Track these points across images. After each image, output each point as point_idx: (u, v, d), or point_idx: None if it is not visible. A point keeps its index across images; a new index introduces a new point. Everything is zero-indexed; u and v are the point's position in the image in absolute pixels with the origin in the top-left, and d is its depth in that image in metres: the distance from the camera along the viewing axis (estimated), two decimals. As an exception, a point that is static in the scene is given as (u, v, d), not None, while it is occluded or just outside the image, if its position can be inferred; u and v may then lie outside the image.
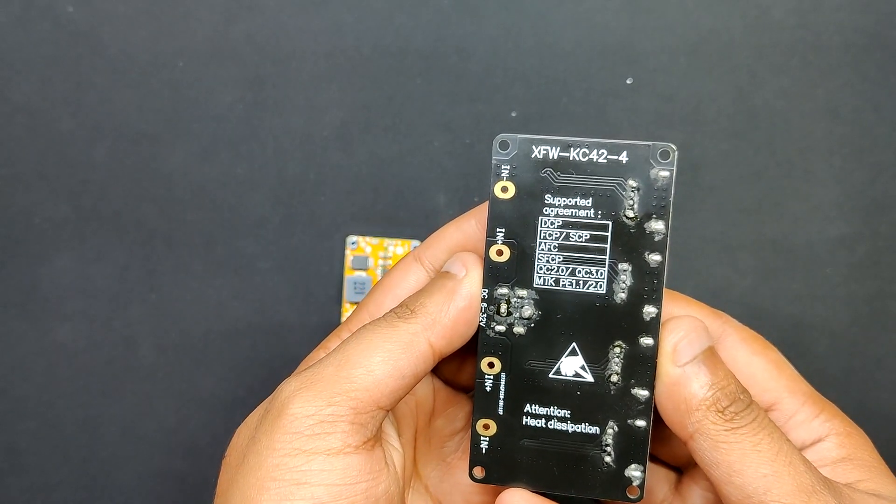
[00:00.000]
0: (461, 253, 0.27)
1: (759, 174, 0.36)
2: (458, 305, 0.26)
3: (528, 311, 0.26)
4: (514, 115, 0.36)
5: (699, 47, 0.36)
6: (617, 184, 0.26)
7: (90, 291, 0.37)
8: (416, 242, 0.37)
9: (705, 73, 0.36)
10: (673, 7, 0.36)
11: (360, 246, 0.37)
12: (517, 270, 0.26)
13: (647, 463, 0.26)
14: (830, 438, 0.26)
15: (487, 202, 0.28)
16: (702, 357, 0.25)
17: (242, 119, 0.36)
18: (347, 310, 0.37)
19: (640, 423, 0.26)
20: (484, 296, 0.26)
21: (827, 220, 0.36)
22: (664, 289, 0.26)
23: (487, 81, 0.36)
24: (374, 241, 0.37)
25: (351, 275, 0.37)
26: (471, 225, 0.29)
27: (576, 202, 0.26)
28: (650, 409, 0.25)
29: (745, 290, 0.36)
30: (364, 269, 0.37)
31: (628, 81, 0.36)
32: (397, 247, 0.37)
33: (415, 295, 0.27)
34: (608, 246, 0.26)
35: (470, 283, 0.26)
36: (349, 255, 0.37)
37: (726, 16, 0.36)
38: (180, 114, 0.36)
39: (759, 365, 0.27)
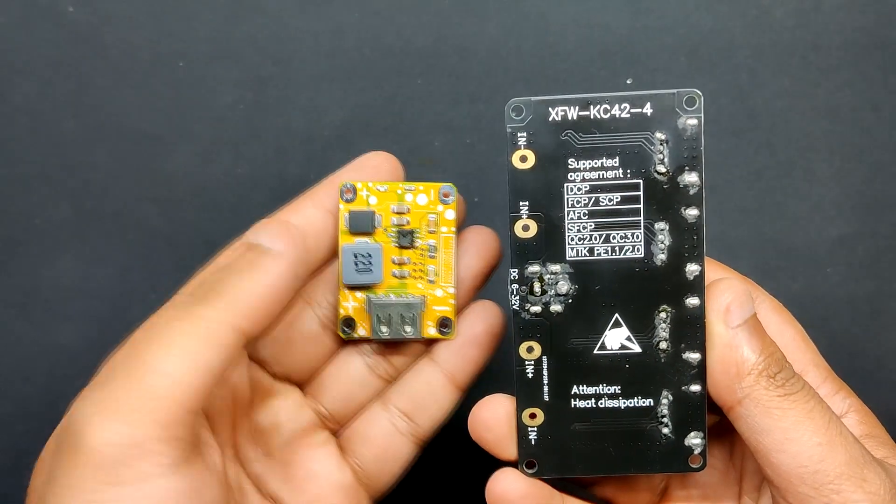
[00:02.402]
0: (275, 225, 0.24)
1: (759, 174, 0.36)
2: (268, 284, 0.23)
3: (563, 286, 0.24)
4: (514, 115, 0.36)
5: (699, 47, 0.36)
6: (644, 138, 0.24)
7: (91, 292, 0.36)
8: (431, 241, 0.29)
9: (705, 73, 0.36)
10: (673, 7, 0.36)
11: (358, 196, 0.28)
12: (547, 245, 0.24)
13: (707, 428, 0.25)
14: (851, 415, 0.26)
15: (331, 179, 0.26)
16: (751, 321, 0.24)
17: (244, 119, 0.36)
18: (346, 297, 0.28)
19: (695, 387, 0.24)
20: (514, 276, 0.25)
21: (827, 220, 0.36)
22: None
23: (488, 82, 0.36)
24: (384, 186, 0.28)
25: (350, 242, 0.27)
26: (306, 206, 0.26)
27: (602, 163, 0.24)
28: (703, 371, 0.24)
29: (745, 290, 0.36)
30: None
31: (628, 81, 0.36)
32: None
33: (214, 269, 0.23)
34: (641, 206, 0.24)
35: (282, 260, 0.23)
36: (343, 210, 0.27)
37: (726, 16, 0.36)
38: (182, 114, 0.36)
39: (788, 335, 0.26)
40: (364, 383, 0.28)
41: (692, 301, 0.24)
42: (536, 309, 0.25)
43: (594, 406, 0.25)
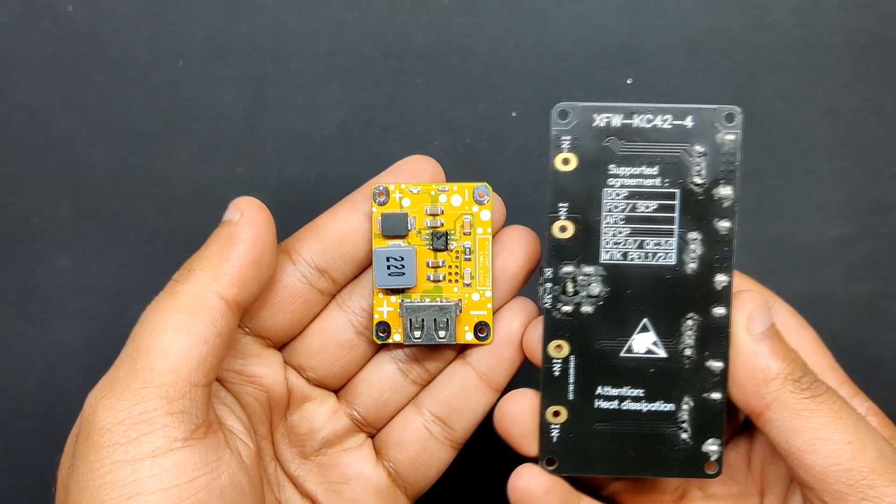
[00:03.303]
0: (237, 199, 0.25)
1: (758, 174, 0.36)
2: (241, 249, 0.24)
3: (595, 288, 0.25)
4: (514, 115, 0.36)
5: (699, 47, 0.36)
6: (683, 150, 0.25)
7: (90, 291, 0.36)
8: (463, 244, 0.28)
9: (705, 73, 0.36)
10: (673, 7, 0.36)
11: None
12: (582, 246, 0.25)
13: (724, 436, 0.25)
14: (871, 418, 0.26)
15: (369, 183, 0.26)
16: (771, 330, 0.25)
17: (243, 118, 0.36)
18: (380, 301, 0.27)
19: (716, 395, 0.25)
20: (548, 275, 0.25)
21: (827, 220, 0.36)
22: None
23: (488, 81, 0.36)
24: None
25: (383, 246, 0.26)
26: (346, 211, 0.27)
27: (641, 171, 0.25)
28: (725, 380, 0.25)
29: (745, 290, 0.36)
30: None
31: (629, 81, 0.36)
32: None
33: (194, 255, 0.24)
34: (677, 215, 0.25)
35: (248, 224, 0.24)
36: (376, 213, 0.26)
37: (726, 15, 0.36)
38: (181, 113, 0.36)
39: (806, 339, 0.27)
40: (397, 388, 0.28)
41: (719, 311, 0.25)
42: (568, 309, 0.25)
43: (617, 408, 0.25)
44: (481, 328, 0.27)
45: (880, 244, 0.36)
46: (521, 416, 0.26)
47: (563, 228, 0.25)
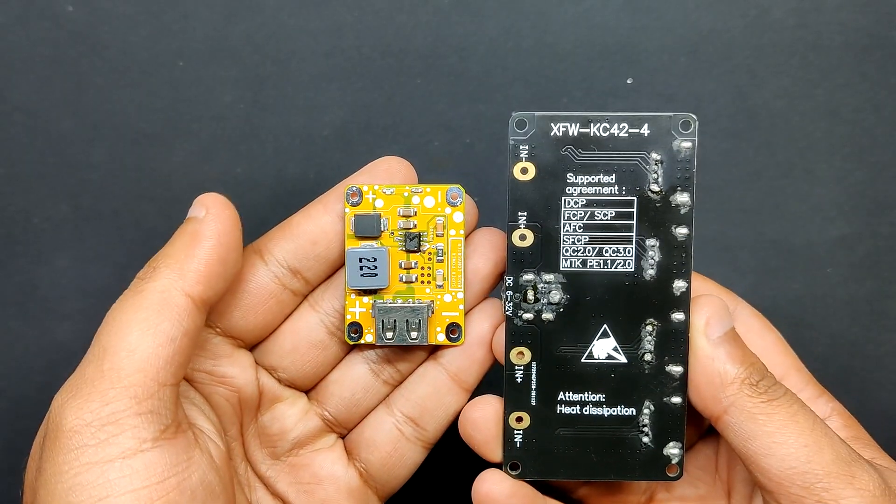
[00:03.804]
0: (202, 195, 0.25)
1: (758, 174, 0.36)
2: (206, 246, 0.24)
3: (556, 295, 0.25)
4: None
5: (699, 47, 0.36)
6: (640, 158, 0.25)
7: (89, 291, 0.36)
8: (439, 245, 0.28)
9: (705, 73, 0.36)
10: (673, 7, 0.36)
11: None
12: (542, 254, 0.25)
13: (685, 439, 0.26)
14: (834, 418, 0.27)
15: (343, 184, 0.27)
16: (730, 334, 0.25)
17: (242, 119, 0.36)
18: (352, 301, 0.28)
19: (676, 399, 0.25)
20: (509, 283, 0.26)
21: (827, 220, 0.36)
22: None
23: (487, 81, 0.36)
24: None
25: (355, 246, 0.27)
26: (318, 212, 0.27)
27: (599, 179, 0.25)
28: (685, 384, 0.25)
29: (744, 291, 0.36)
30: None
31: (629, 81, 0.36)
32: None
33: (158, 252, 0.24)
34: (635, 222, 0.25)
35: (213, 221, 0.24)
36: (349, 214, 0.27)
37: (726, 15, 0.36)
38: (180, 113, 0.36)
39: (769, 339, 0.27)
40: (368, 388, 0.28)
41: (677, 316, 0.25)
42: (529, 316, 0.26)
43: (579, 413, 0.26)
44: (453, 329, 0.27)
45: (880, 244, 0.36)
46: (484, 422, 0.26)
47: (523, 237, 0.25)
